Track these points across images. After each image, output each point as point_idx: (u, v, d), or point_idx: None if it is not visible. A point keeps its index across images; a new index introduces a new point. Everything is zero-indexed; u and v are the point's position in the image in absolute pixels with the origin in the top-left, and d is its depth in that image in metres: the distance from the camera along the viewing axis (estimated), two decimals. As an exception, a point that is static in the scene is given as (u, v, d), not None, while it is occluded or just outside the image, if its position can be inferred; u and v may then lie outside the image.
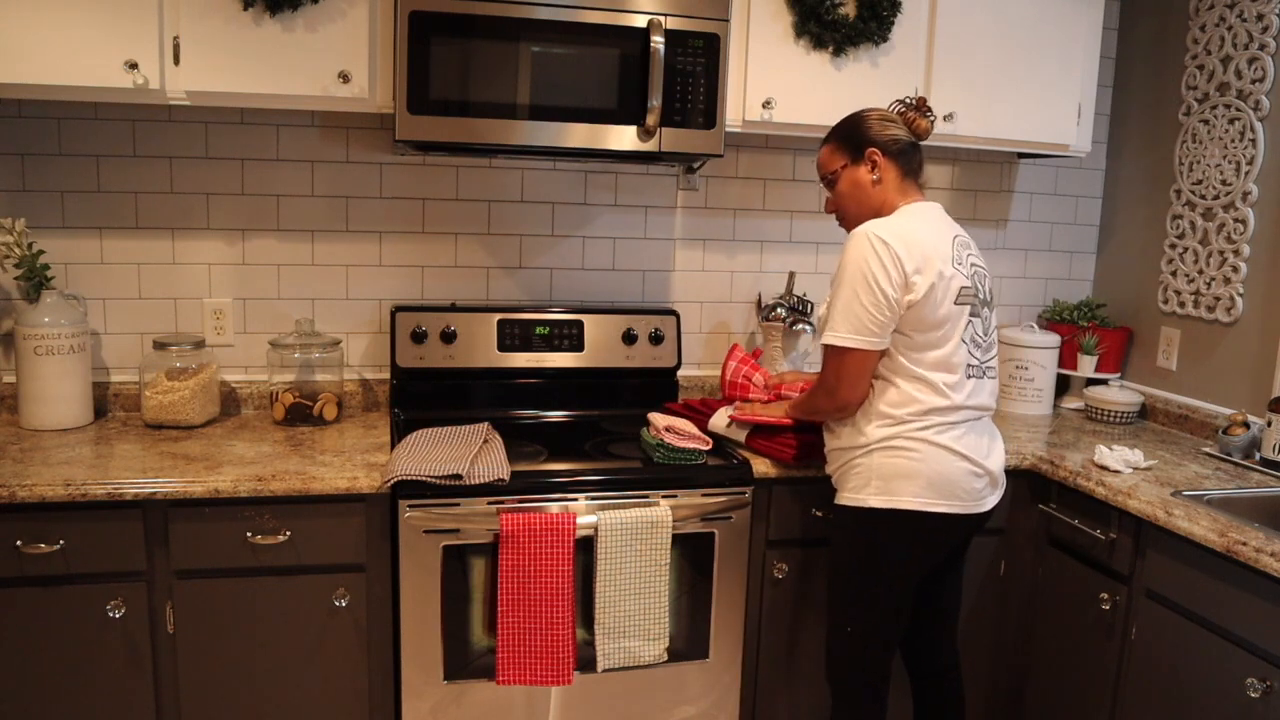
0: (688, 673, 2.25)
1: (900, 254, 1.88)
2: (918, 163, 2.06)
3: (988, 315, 2.04)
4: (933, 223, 1.99)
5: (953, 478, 1.94)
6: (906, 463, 1.93)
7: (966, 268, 1.98)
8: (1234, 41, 2.57)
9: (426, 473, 2.01)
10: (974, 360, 1.99)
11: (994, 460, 2.03)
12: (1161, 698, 2.00)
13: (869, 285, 1.89)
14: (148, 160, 2.46)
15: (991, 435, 2.06)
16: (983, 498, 2.01)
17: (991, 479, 2.02)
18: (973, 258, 2.03)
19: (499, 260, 2.70)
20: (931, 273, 1.90)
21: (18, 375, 2.31)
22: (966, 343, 1.97)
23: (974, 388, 1.99)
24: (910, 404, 1.93)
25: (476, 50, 2.16)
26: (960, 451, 1.95)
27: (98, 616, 1.97)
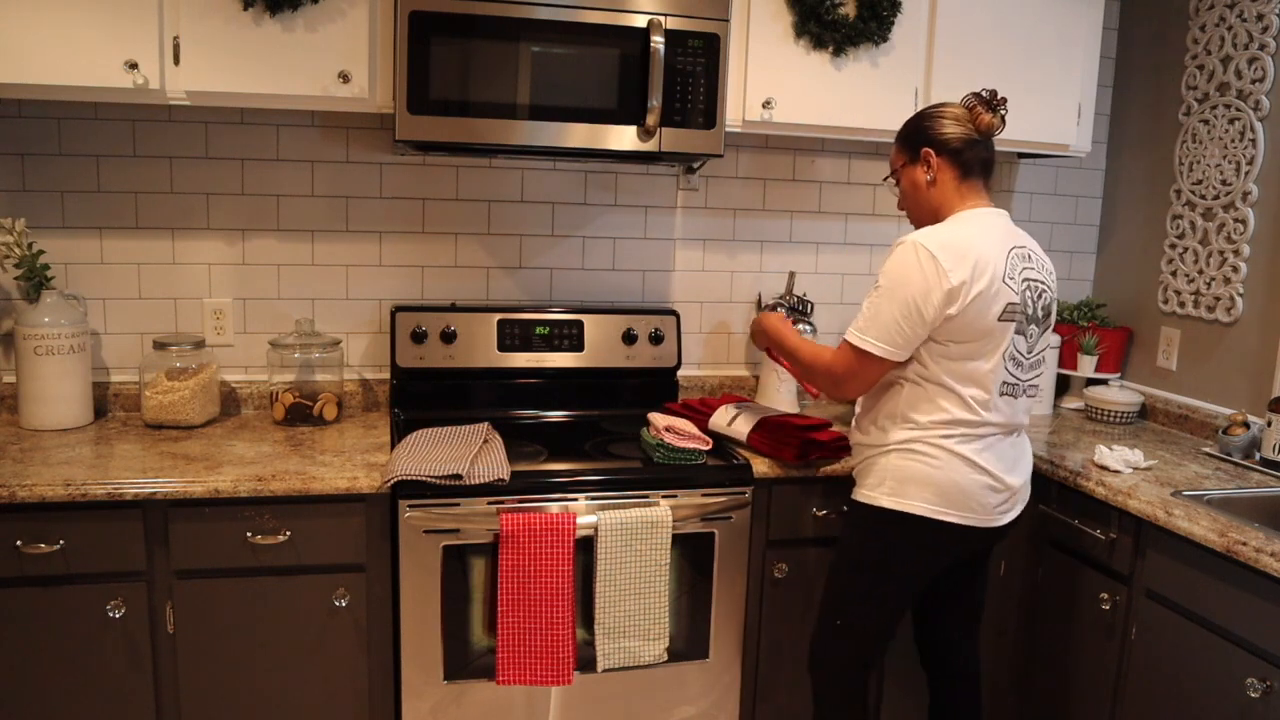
0: (688, 673, 2.25)
1: (946, 266, 1.83)
2: (981, 162, 1.96)
3: (1035, 333, 1.95)
4: (989, 231, 1.91)
5: (967, 489, 1.92)
6: (922, 468, 1.92)
7: (1019, 282, 1.90)
8: (1234, 41, 2.57)
9: (426, 473, 2.01)
10: (1011, 378, 1.93)
11: (1018, 475, 2.00)
12: (1161, 698, 2.00)
13: (906, 298, 1.85)
14: (148, 160, 2.46)
15: (1019, 450, 2.02)
16: (999, 513, 1.97)
17: (1012, 494, 1.98)
18: (1029, 271, 1.93)
19: (499, 260, 2.70)
20: (978, 286, 1.84)
21: (18, 375, 2.31)
22: (1006, 361, 1.91)
23: (1007, 406, 1.94)
24: (936, 413, 1.91)
25: (476, 50, 2.16)
26: (980, 464, 1.92)
27: (98, 616, 1.97)
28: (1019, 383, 1.95)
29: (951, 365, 1.89)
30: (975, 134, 1.94)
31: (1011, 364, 1.92)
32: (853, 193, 2.89)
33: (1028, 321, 1.93)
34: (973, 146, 1.94)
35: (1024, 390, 1.97)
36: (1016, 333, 1.91)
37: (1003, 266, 1.88)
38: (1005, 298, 1.88)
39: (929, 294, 1.84)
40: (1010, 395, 1.94)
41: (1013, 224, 1.99)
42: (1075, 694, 2.27)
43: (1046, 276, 1.99)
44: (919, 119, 2.00)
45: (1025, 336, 1.93)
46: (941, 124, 1.95)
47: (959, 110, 1.96)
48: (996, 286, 1.86)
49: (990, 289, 1.85)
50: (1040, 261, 1.99)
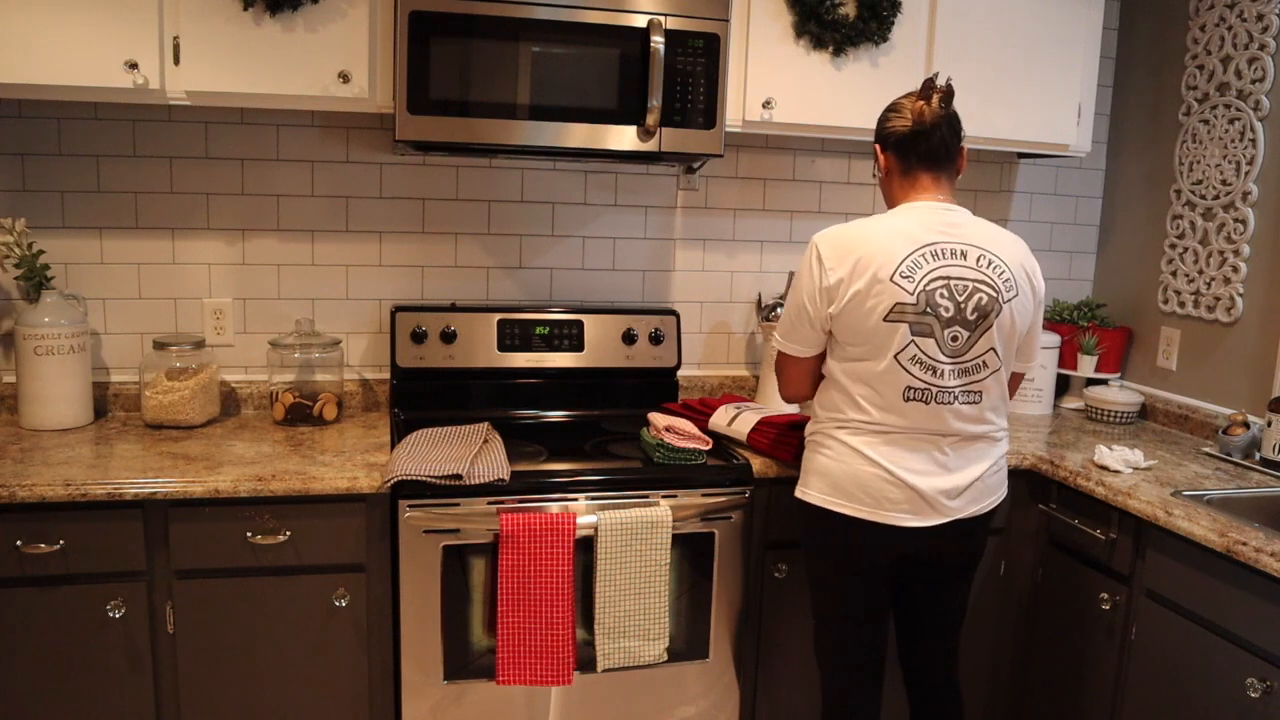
0: (688, 673, 2.25)
1: (829, 266, 1.83)
2: (920, 154, 1.88)
3: (962, 335, 1.82)
4: (901, 227, 1.84)
5: (860, 480, 1.87)
6: (820, 458, 1.94)
7: (922, 281, 1.79)
8: (1234, 41, 2.57)
9: (426, 473, 2.01)
10: (920, 383, 1.82)
11: (937, 481, 1.86)
12: (1162, 698, 2.00)
13: (797, 296, 1.91)
14: (148, 160, 2.46)
15: (953, 458, 1.87)
16: (903, 513, 1.86)
17: (919, 499, 1.86)
18: (949, 269, 1.81)
19: (499, 260, 2.70)
20: (856, 285, 1.80)
21: (18, 375, 2.31)
22: (904, 364, 1.81)
23: (918, 412, 1.84)
24: (833, 409, 1.93)
25: (476, 50, 2.16)
26: (871, 457, 1.86)
27: (98, 616, 1.97)
28: (931, 387, 1.82)
29: (846, 365, 1.89)
30: (913, 125, 1.87)
31: (917, 367, 1.81)
32: (853, 193, 2.89)
33: (942, 324, 1.80)
34: (914, 138, 1.87)
35: (951, 396, 1.84)
36: (919, 334, 1.80)
37: (895, 264, 1.79)
38: (892, 297, 1.79)
39: (813, 292, 1.86)
40: (920, 401, 1.83)
41: (961, 219, 1.87)
42: (1075, 694, 2.27)
43: (991, 275, 1.84)
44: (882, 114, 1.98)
45: (937, 339, 1.81)
46: (887, 117, 1.93)
47: (906, 100, 1.91)
48: (880, 286, 1.79)
49: (870, 288, 1.79)
50: (989, 260, 1.84)
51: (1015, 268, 1.87)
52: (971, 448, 1.89)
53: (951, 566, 2.01)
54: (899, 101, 1.93)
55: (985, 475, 1.92)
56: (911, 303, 1.79)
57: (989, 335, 1.84)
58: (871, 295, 1.80)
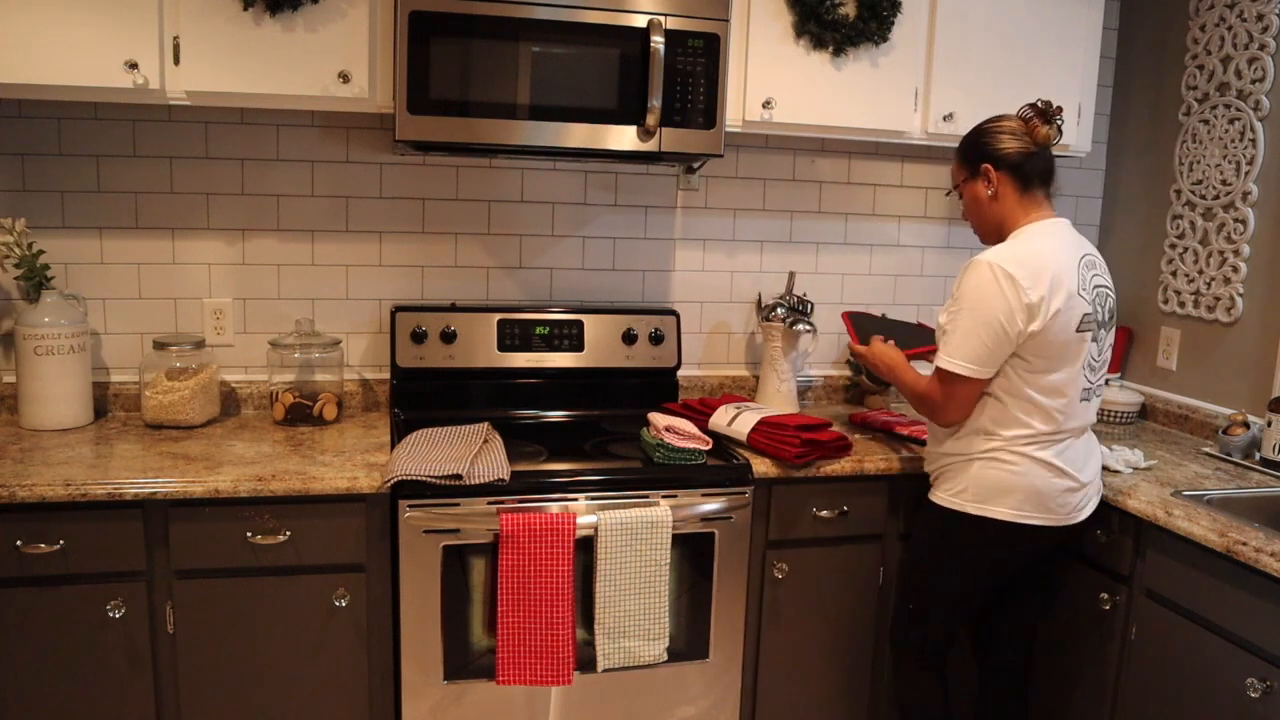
0: (688, 673, 2.25)
1: (1025, 285, 1.87)
2: (1041, 173, 2.00)
3: (1104, 337, 2.00)
4: (1060, 244, 1.95)
5: (1048, 492, 1.97)
6: (1006, 476, 1.97)
7: (1090, 291, 1.95)
8: (1234, 41, 2.57)
9: (426, 473, 2.01)
10: (1088, 383, 1.98)
11: (1089, 470, 2.04)
12: (1161, 698, 2.00)
13: (988, 318, 1.89)
14: (148, 160, 2.46)
15: (1090, 446, 2.06)
16: (1076, 509, 2.02)
17: (1090, 490, 2.04)
18: (1097, 278, 1.99)
19: (499, 260, 2.70)
20: (1058, 301, 1.88)
21: (18, 375, 2.31)
22: (1084, 369, 1.96)
23: (1084, 410, 2.00)
24: (1018, 427, 1.96)
25: (476, 50, 2.16)
26: (1059, 466, 1.97)
27: (98, 616, 1.97)
28: (1094, 387, 2.01)
29: (1035, 379, 1.93)
30: (1033, 146, 1.97)
31: (1088, 370, 1.97)
32: (853, 193, 2.89)
33: (1099, 328, 1.97)
34: (1031, 159, 1.97)
35: (1095, 392, 2.03)
36: (1094, 341, 1.96)
37: (1075, 279, 1.92)
38: (1081, 309, 1.92)
39: (1012, 313, 1.87)
40: (1086, 400, 1.99)
41: (1075, 231, 2.03)
42: (1075, 694, 2.27)
43: (1108, 280, 2.04)
44: (977, 134, 2.04)
45: (1098, 342, 1.98)
46: (999, 138, 1.99)
47: (1015, 123, 2.00)
48: (1073, 300, 1.90)
49: (1068, 303, 1.90)
50: (1103, 266, 2.04)
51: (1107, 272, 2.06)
52: (1091, 435, 2.08)
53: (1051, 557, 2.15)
54: (1006, 123, 2.01)
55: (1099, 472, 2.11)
56: (1092, 312, 1.95)
57: (1111, 334, 2.04)
58: (1067, 310, 1.90)
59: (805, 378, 2.88)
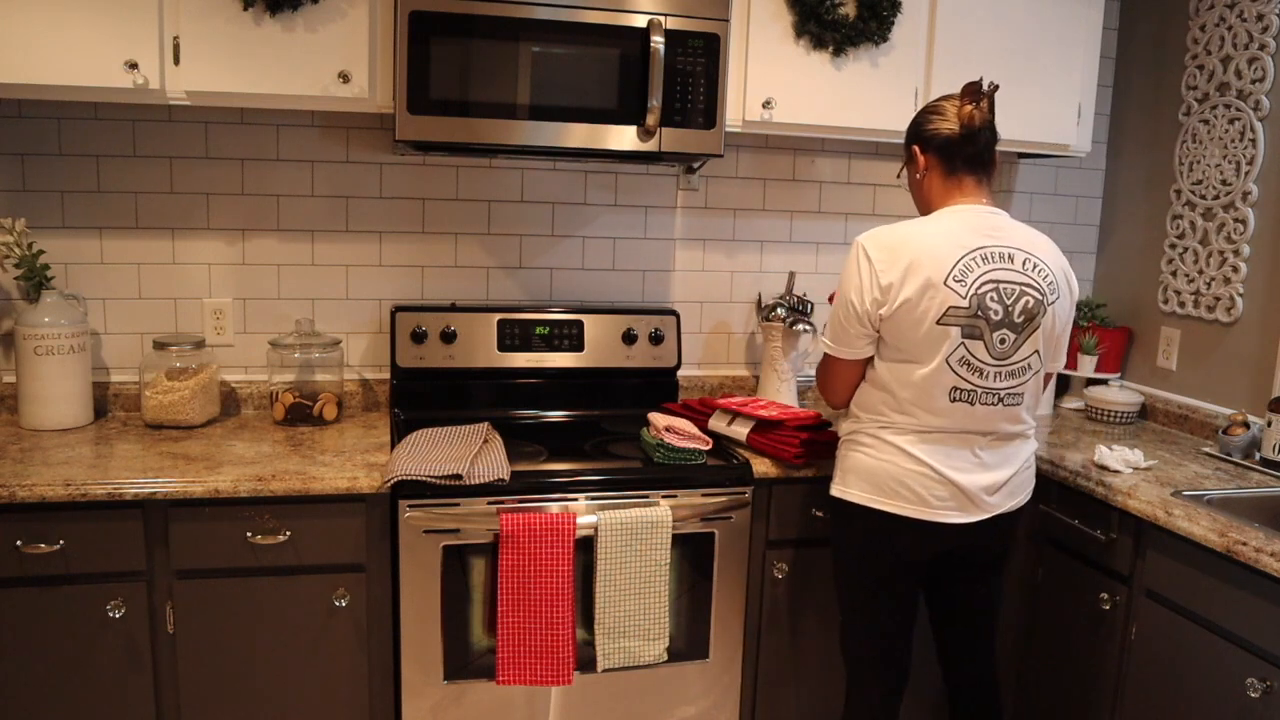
0: (688, 673, 2.25)
1: (880, 268, 1.83)
2: (966, 157, 1.90)
3: (1010, 338, 1.84)
4: (949, 230, 1.85)
5: (901, 478, 1.89)
6: (861, 457, 1.95)
7: (973, 285, 1.81)
8: (1234, 41, 2.57)
9: (426, 473, 2.01)
10: (966, 384, 1.85)
11: (979, 477, 1.90)
12: (1161, 698, 2.00)
13: (845, 297, 1.90)
14: (148, 160, 2.46)
15: (993, 456, 1.91)
16: (949, 509, 1.89)
17: (963, 496, 1.89)
18: (998, 273, 1.83)
19: (499, 260, 2.70)
20: (909, 289, 1.81)
21: (18, 375, 2.31)
22: (953, 366, 1.83)
23: (962, 413, 1.87)
24: (873, 410, 1.94)
25: (476, 50, 2.16)
26: (915, 455, 1.88)
27: (98, 616, 1.97)
28: (976, 389, 1.85)
29: (895, 368, 1.88)
30: (959, 128, 1.89)
31: (965, 369, 1.83)
32: (853, 193, 2.89)
33: (991, 327, 1.82)
34: (959, 142, 1.89)
35: (995, 398, 1.87)
36: (969, 337, 1.82)
37: (948, 268, 1.81)
38: (948, 300, 1.80)
39: (862, 292, 1.86)
40: (965, 402, 1.86)
41: (1004, 223, 1.90)
42: (1075, 694, 2.27)
43: (1037, 279, 1.86)
44: (916, 115, 2.00)
45: (985, 342, 1.83)
46: (929, 119, 1.94)
47: (949, 104, 1.93)
48: (934, 290, 1.80)
49: (925, 293, 1.80)
50: (1034, 264, 1.87)
51: (1057, 270, 1.91)
52: (1008, 445, 1.94)
53: (982, 561, 2.06)
54: (940, 104, 1.94)
55: (1019, 472, 1.97)
56: (964, 306, 1.81)
57: (1034, 338, 1.87)
58: (924, 300, 1.81)
59: (805, 377, 2.88)
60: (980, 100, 1.88)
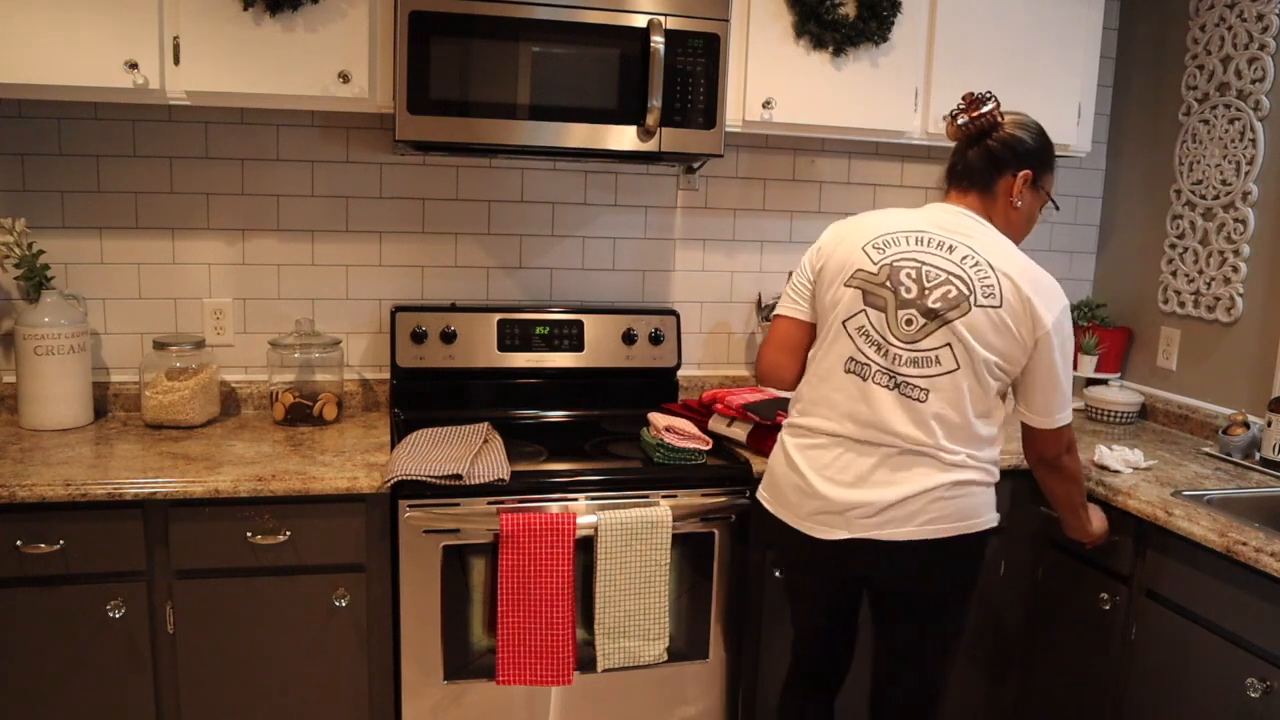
0: (688, 673, 2.25)
1: (827, 236, 1.91)
2: (953, 165, 1.91)
3: (917, 320, 1.75)
4: (906, 216, 1.86)
5: (785, 482, 1.88)
6: (774, 454, 1.97)
7: (891, 257, 1.78)
8: (1234, 41, 2.57)
9: (426, 473, 2.01)
10: (863, 357, 1.78)
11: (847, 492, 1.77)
12: (1161, 698, 2.00)
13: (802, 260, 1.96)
14: (148, 160, 2.46)
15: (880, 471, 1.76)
16: (817, 522, 1.81)
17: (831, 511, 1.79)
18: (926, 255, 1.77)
19: (499, 260, 2.70)
20: (840, 251, 1.84)
21: (18, 375, 2.31)
22: (851, 332, 1.78)
23: (856, 391, 1.78)
24: (793, 406, 1.93)
25: (476, 50, 2.16)
26: (795, 461, 1.84)
27: (98, 616, 1.97)
28: (871, 364, 1.77)
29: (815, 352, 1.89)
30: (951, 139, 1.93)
31: (862, 339, 1.78)
32: (853, 193, 2.89)
33: (898, 303, 1.76)
34: (959, 150, 1.91)
35: (891, 380, 1.76)
36: (871, 305, 1.77)
37: (871, 237, 1.83)
38: (857, 263, 1.81)
39: (811, 254, 1.93)
40: (858, 375, 1.78)
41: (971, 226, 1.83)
42: (1076, 694, 2.27)
43: (970, 275, 1.75)
44: None
45: (888, 317, 1.76)
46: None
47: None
48: (851, 254, 1.82)
49: (845, 256, 1.83)
50: (975, 261, 1.77)
51: (1007, 282, 1.75)
52: (913, 466, 1.76)
53: (907, 601, 1.88)
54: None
55: (919, 497, 1.75)
56: (873, 272, 1.80)
57: (948, 331, 1.74)
58: (842, 260, 1.84)
59: (805, 378, 2.88)
60: (956, 116, 1.88)
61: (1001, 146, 1.86)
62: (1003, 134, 1.86)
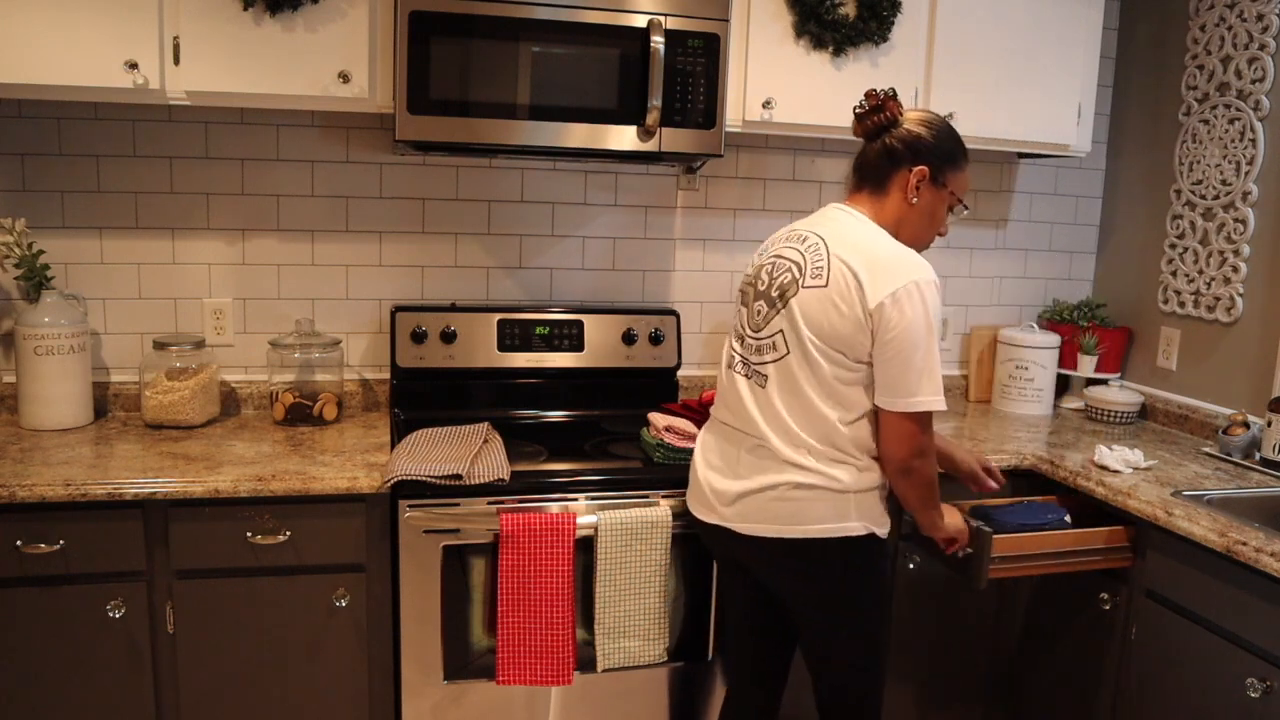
0: (688, 673, 2.25)
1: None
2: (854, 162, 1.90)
3: (764, 309, 1.81)
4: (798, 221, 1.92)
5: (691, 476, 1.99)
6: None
7: (763, 258, 1.89)
8: (1234, 41, 2.57)
9: (426, 473, 2.01)
10: (735, 353, 1.89)
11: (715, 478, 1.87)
12: (1161, 698, 2.00)
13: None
14: (148, 160, 2.46)
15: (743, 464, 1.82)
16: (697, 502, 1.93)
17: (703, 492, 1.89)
18: (783, 250, 1.83)
19: (499, 260, 2.70)
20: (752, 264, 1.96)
21: (18, 375, 2.31)
22: (731, 332, 1.93)
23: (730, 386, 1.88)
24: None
25: (476, 50, 2.16)
26: (696, 446, 1.99)
27: (98, 616, 1.97)
28: (736, 356, 1.88)
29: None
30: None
31: (734, 337, 1.91)
32: (853, 193, 2.89)
33: (755, 296, 1.84)
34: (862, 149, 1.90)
35: (747, 368, 1.83)
36: (743, 305, 1.90)
37: (763, 246, 1.94)
38: (746, 271, 1.94)
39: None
40: (731, 369, 1.89)
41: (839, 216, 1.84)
42: (1075, 694, 2.27)
43: (806, 257, 1.78)
44: None
45: (748, 309, 1.86)
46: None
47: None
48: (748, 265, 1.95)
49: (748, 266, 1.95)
50: (816, 244, 1.78)
51: (838, 262, 1.73)
52: (768, 461, 1.79)
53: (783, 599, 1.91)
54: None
55: (761, 494, 1.78)
56: (750, 274, 1.92)
57: (783, 315, 1.77)
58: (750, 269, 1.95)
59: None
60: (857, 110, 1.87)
61: (898, 143, 1.84)
62: (901, 130, 1.84)
